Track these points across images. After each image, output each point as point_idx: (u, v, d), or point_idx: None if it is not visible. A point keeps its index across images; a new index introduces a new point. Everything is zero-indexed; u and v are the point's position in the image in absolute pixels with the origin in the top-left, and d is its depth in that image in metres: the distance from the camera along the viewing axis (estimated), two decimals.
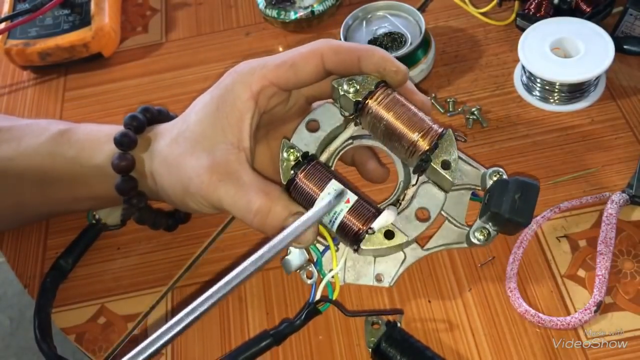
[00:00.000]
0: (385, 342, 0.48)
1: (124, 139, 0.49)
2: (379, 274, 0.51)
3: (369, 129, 0.50)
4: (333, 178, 0.47)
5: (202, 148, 0.46)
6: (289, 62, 0.46)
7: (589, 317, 0.49)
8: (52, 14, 0.76)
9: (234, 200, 0.45)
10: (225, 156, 0.45)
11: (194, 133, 0.47)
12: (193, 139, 0.46)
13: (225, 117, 0.46)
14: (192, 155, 0.46)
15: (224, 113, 0.46)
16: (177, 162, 0.47)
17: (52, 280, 0.57)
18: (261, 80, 0.46)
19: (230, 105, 0.46)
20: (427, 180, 0.49)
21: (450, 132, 0.48)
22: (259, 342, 0.48)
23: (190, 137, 0.47)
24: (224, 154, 0.45)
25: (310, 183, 0.46)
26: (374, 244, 0.46)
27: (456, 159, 0.48)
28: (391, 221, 0.46)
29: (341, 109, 0.50)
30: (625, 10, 0.65)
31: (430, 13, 0.74)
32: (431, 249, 0.51)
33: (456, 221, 0.51)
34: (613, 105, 0.62)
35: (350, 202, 0.46)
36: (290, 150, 0.47)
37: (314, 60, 0.46)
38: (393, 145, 0.49)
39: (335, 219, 0.46)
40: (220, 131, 0.46)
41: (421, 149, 0.47)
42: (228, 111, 0.46)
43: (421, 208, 0.48)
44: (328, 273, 0.48)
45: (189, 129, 0.47)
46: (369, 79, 0.48)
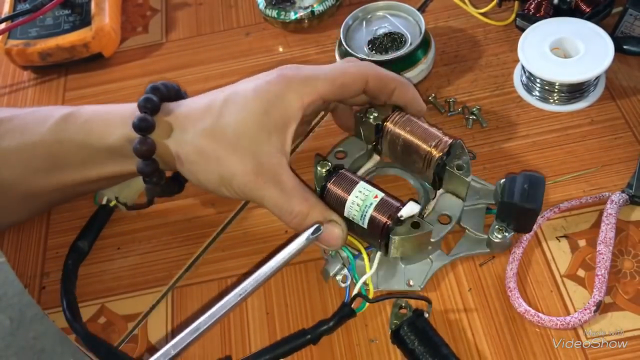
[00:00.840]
0: (406, 327, 0.49)
1: (142, 124, 0.50)
2: (409, 279, 0.54)
3: (388, 150, 0.57)
4: (361, 181, 0.52)
5: (246, 147, 0.48)
6: (339, 81, 0.51)
7: (588, 317, 0.49)
8: (53, 14, 0.76)
9: (277, 203, 0.49)
10: (270, 160, 0.49)
11: (237, 131, 0.48)
12: (235, 136, 0.48)
13: (274, 123, 0.49)
14: (235, 152, 0.48)
15: (273, 118, 0.49)
16: (218, 156, 0.49)
17: (73, 262, 0.58)
18: (313, 94, 0.50)
19: (281, 113, 0.49)
20: (445, 192, 0.55)
21: (460, 141, 0.54)
22: (296, 339, 0.51)
23: (232, 133, 0.48)
24: (269, 158, 0.49)
25: (339, 189, 0.52)
26: (402, 233, 0.50)
27: (468, 161, 0.53)
28: (417, 210, 0.50)
29: (364, 137, 0.57)
30: (625, 10, 0.65)
31: (430, 13, 0.74)
32: (455, 255, 0.55)
33: (475, 232, 0.55)
34: (613, 105, 0.62)
35: (378, 198, 0.51)
36: (323, 163, 0.53)
37: (361, 83, 0.52)
38: (411, 159, 0.55)
39: (366, 214, 0.50)
40: (266, 134, 0.49)
41: (436, 156, 0.53)
42: (277, 117, 0.49)
43: (442, 214, 0.54)
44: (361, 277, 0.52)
45: (230, 125, 0.49)
46: (385, 107, 0.56)
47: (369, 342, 0.52)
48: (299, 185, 0.50)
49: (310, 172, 0.54)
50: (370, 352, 0.51)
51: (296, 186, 0.49)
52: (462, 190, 0.54)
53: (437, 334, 0.49)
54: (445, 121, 0.64)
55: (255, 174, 0.48)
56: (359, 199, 0.51)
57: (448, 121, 0.64)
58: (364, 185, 0.52)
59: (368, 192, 0.51)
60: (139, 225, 0.62)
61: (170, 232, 0.60)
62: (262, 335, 0.53)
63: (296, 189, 0.49)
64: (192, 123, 0.50)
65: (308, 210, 0.49)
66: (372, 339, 0.52)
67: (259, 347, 0.53)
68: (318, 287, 0.55)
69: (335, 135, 0.64)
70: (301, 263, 0.57)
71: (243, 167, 0.48)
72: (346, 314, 0.51)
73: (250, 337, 0.54)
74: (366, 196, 0.51)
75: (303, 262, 0.57)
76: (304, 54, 0.73)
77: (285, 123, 0.49)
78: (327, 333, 0.51)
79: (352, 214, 0.51)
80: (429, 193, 0.57)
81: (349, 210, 0.51)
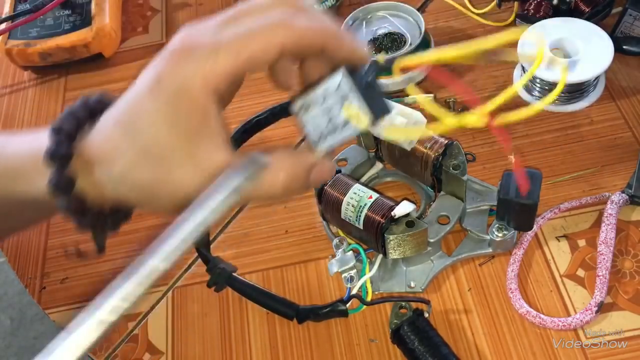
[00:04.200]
0: (407, 326, 0.49)
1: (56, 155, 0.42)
2: (410, 281, 0.54)
3: (388, 155, 0.58)
4: (356, 183, 0.53)
5: (180, 162, 0.41)
6: (244, 55, 0.40)
7: (590, 318, 0.49)
8: (53, 15, 0.76)
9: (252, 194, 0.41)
10: (212, 162, 0.41)
11: (159, 149, 0.41)
12: (163, 157, 0.41)
13: (189, 123, 0.41)
14: (173, 173, 0.41)
15: (184, 120, 0.41)
16: (158, 185, 0.42)
17: None
18: (216, 74, 0.41)
19: (188, 109, 0.41)
20: (445, 194, 0.56)
21: (457, 142, 0.54)
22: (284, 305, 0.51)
23: (158, 156, 0.41)
24: (210, 161, 0.41)
25: (335, 191, 0.52)
26: (397, 232, 0.50)
27: (464, 161, 0.53)
28: (410, 209, 0.50)
29: (364, 145, 0.58)
30: (625, 10, 0.65)
31: (430, 14, 0.74)
32: (456, 256, 0.55)
33: (477, 233, 0.55)
34: (612, 105, 0.62)
35: (372, 199, 0.51)
36: None
37: (274, 52, 0.41)
38: (409, 162, 0.56)
39: (360, 215, 0.51)
40: (190, 139, 0.41)
41: (432, 157, 0.54)
42: (188, 116, 0.41)
43: (442, 215, 0.55)
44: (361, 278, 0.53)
45: (150, 149, 0.41)
46: None
47: (369, 342, 0.52)
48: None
49: None
50: (370, 352, 0.51)
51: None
52: (460, 191, 0.55)
53: (437, 334, 0.49)
54: None
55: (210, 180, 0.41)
56: (353, 200, 0.51)
57: None
58: (359, 187, 0.52)
59: (363, 193, 0.52)
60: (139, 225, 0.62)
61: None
62: (262, 335, 0.53)
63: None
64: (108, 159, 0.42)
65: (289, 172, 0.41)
66: (372, 339, 0.52)
67: (259, 347, 0.53)
68: (318, 287, 0.55)
69: None
70: (301, 263, 0.57)
71: (191, 184, 0.41)
72: (338, 311, 0.51)
73: (250, 337, 0.54)
74: (361, 197, 0.51)
75: (303, 262, 0.57)
76: None
77: (201, 117, 0.41)
78: (313, 319, 0.51)
79: (347, 215, 0.52)
80: (431, 197, 0.58)
81: (344, 211, 0.52)
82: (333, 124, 0.39)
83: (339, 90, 0.39)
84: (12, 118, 0.74)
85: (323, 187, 0.53)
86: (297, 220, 0.60)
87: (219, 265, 0.50)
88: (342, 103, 0.38)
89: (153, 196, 0.43)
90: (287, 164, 0.41)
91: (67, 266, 0.60)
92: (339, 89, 0.39)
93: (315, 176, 0.41)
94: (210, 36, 0.41)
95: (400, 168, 0.59)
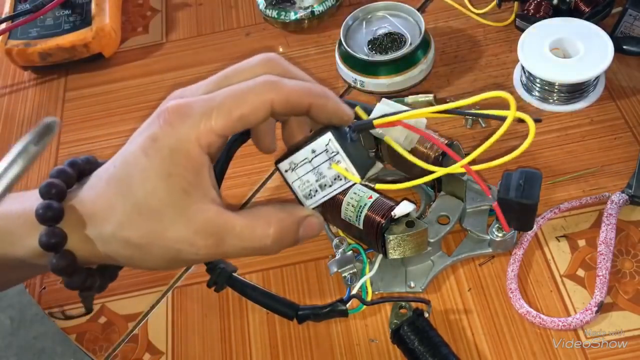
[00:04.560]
0: (407, 326, 0.49)
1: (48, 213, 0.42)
2: (410, 281, 0.54)
3: (388, 155, 0.57)
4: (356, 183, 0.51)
5: (173, 219, 0.42)
6: (237, 114, 0.42)
7: (590, 318, 0.49)
8: (53, 15, 0.76)
9: (243, 248, 0.42)
10: (204, 216, 0.42)
11: (152, 206, 0.42)
12: (156, 213, 0.42)
13: (183, 179, 0.42)
14: (166, 230, 0.42)
15: (179, 176, 0.42)
16: (150, 242, 0.42)
17: None
18: (209, 134, 0.42)
19: (185, 167, 0.42)
20: (445, 194, 0.56)
21: (457, 142, 0.54)
22: (282, 304, 0.51)
23: (151, 211, 0.42)
24: (203, 215, 0.42)
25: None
26: (397, 232, 0.50)
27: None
28: (410, 209, 0.50)
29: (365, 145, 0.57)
30: (625, 10, 0.65)
31: (429, 13, 0.74)
32: (456, 256, 0.55)
33: (477, 233, 0.55)
34: (612, 105, 0.62)
35: (372, 199, 0.51)
36: None
37: (264, 110, 0.42)
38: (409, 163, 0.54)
39: (360, 215, 0.51)
40: (184, 195, 0.42)
41: (431, 158, 0.53)
42: (184, 173, 0.42)
43: (442, 215, 0.55)
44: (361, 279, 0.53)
45: (144, 205, 0.42)
46: None
47: (369, 342, 0.52)
48: (252, 215, 0.43)
49: None
50: (370, 352, 0.51)
51: (250, 219, 0.43)
52: (460, 191, 0.55)
53: (437, 334, 0.49)
54: (445, 121, 0.64)
55: (203, 238, 0.42)
56: (353, 200, 0.51)
57: (448, 121, 0.64)
58: (359, 187, 0.52)
59: (363, 193, 0.52)
60: None
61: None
62: (262, 335, 0.53)
63: (253, 221, 0.43)
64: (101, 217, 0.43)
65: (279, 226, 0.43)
66: (372, 339, 0.52)
67: (259, 347, 0.53)
68: (318, 287, 0.55)
69: None
70: (301, 263, 0.57)
71: (184, 240, 0.42)
72: (338, 311, 0.51)
73: (250, 337, 0.54)
74: (360, 197, 0.51)
75: (303, 262, 0.57)
76: (304, 54, 0.73)
77: (195, 173, 0.42)
78: (313, 319, 0.51)
79: (347, 215, 0.52)
80: (431, 197, 0.58)
81: (344, 211, 0.52)
82: (322, 180, 0.43)
83: (326, 150, 0.42)
84: (12, 118, 0.74)
85: None
86: None
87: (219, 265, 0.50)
88: (330, 162, 0.42)
89: (145, 253, 0.43)
90: (277, 218, 0.43)
91: None
92: (327, 148, 0.42)
93: (304, 231, 0.43)
94: (202, 97, 0.43)
95: (400, 168, 0.59)
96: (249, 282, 0.51)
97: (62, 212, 0.43)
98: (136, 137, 0.43)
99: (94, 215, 0.43)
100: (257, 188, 0.62)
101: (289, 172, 0.43)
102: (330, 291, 0.55)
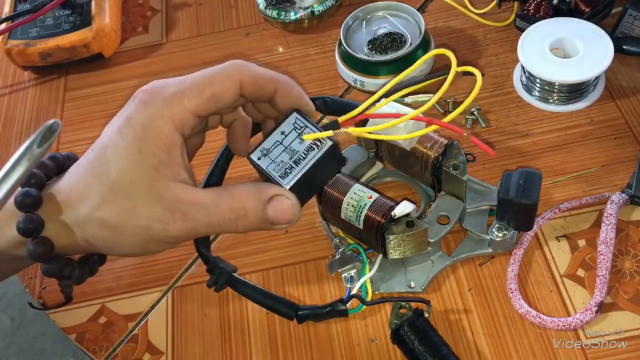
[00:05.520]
0: (407, 326, 0.49)
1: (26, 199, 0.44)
2: (410, 281, 0.54)
3: (388, 155, 0.58)
4: (356, 183, 0.53)
5: (143, 196, 0.43)
6: (208, 93, 0.44)
7: (590, 318, 0.49)
8: (53, 15, 0.76)
9: (209, 222, 0.43)
10: (172, 193, 0.43)
11: (124, 184, 0.43)
12: (127, 191, 0.43)
13: (154, 157, 0.43)
14: (136, 207, 0.43)
15: (151, 153, 0.43)
16: (123, 221, 0.43)
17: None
18: (182, 113, 0.43)
19: (155, 144, 0.43)
20: (445, 194, 0.56)
21: (457, 142, 0.54)
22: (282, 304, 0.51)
23: (123, 190, 0.43)
24: (170, 191, 0.43)
25: (335, 191, 0.53)
26: (397, 232, 0.50)
27: (464, 161, 0.53)
28: (410, 209, 0.50)
29: (365, 145, 0.59)
30: (625, 10, 0.65)
31: (430, 13, 0.74)
32: (456, 256, 0.55)
33: (477, 233, 0.55)
34: (612, 105, 0.62)
35: (372, 199, 0.51)
36: None
37: (234, 89, 0.44)
38: (409, 162, 0.56)
39: (360, 214, 0.51)
40: (153, 171, 0.43)
41: (432, 157, 0.54)
42: (154, 150, 0.43)
43: (442, 215, 0.55)
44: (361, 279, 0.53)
45: (116, 184, 0.43)
46: None
47: (369, 342, 0.52)
48: (217, 191, 0.44)
49: None
50: (370, 352, 0.51)
51: (215, 195, 0.44)
52: (460, 191, 0.55)
53: (437, 334, 0.49)
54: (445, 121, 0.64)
55: (170, 214, 0.43)
56: (353, 200, 0.51)
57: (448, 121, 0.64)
58: (359, 187, 0.52)
59: (363, 193, 0.52)
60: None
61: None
62: (262, 335, 0.53)
63: (217, 197, 0.44)
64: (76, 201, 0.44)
65: (242, 201, 0.43)
66: (372, 339, 0.52)
67: (259, 347, 0.53)
68: (318, 287, 0.55)
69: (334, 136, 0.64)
70: (301, 263, 0.57)
71: (152, 216, 0.43)
72: (338, 311, 0.50)
73: (250, 337, 0.54)
74: (360, 197, 0.51)
75: (303, 262, 0.57)
76: (304, 54, 0.73)
77: (166, 151, 0.43)
78: (313, 319, 0.51)
79: (347, 215, 0.52)
80: (431, 197, 0.58)
81: (344, 211, 0.52)
82: (296, 156, 0.44)
83: (295, 127, 0.44)
84: (12, 118, 0.74)
85: (323, 187, 0.53)
86: None
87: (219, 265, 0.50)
88: (300, 136, 0.44)
89: (119, 233, 0.44)
90: (243, 193, 0.44)
91: None
92: (295, 126, 0.44)
93: (274, 212, 0.43)
94: (175, 81, 0.45)
95: (400, 168, 0.59)
96: (249, 282, 0.51)
97: (40, 199, 0.44)
98: (114, 120, 0.45)
99: (70, 200, 0.44)
100: None
101: (262, 158, 0.44)
102: (330, 291, 0.55)
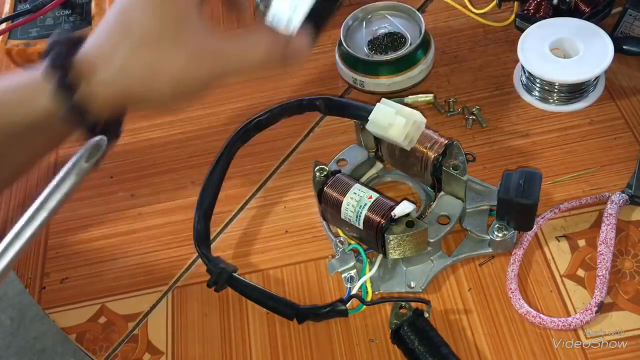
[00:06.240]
0: (407, 326, 0.49)
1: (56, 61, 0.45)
2: (410, 281, 0.54)
3: (388, 155, 0.58)
4: (356, 183, 0.53)
5: (169, 43, 0.46)
6: None
7: (590, 318, 0.49)
8: (53, 15, 0.76)
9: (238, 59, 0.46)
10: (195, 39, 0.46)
11: (152, 33, 0.46)
12: (154, 42, 0.46)
13: (174, 7, 0.46)
14: (164, 54, 0.46)
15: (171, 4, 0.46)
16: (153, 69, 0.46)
17: None
18: None
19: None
20: (445, 194, 0.55)
21: (457, 142, 0.54)
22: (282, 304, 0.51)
23: (150, 41, 0.46)
24: (193, 39, 0.46)
25: (335, 191, 0.53)
26: (397, 233, 0.50)
27: (464, 161, 0.53)
28: (410, 209, 0.50)
29: (365, 145, 0.59)
30: (625, 10, 0.65)
31: (430, 13, 0.74)
32: (456, 256, 0.55)
33: (477, 233, 0.55)
34: (612, 105, 0.62)
35: (372, 199, 0.51)
36: (321, 168, 0.54)
37: None
38: (409, 162, 0.56)
39: (360, 215, 0.51)
40: (178, 21, 0.46)
41: (432, 157, 0.54)
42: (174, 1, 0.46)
43: (442, 215, 0.55)
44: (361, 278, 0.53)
45: (143, 36, 0.46)
46: None
47: (369, 342, 0.52)
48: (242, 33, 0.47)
49: (310, 172, 0.55)
50: (370, 352, 0.51)
51: (240, 35, 0.47)
52: (460, 191, 0.55)
53: (437, 334, 0.49)
54: (445, 121, 0.64)
55: (197, 57, 0.46)
56: (353, 200, 0.51)
57: (448, 121, 0.64)
58: (359, 187, 0.52)
59: (363, 193, 0.52)
60: (139, 225, 0.62)
61: (170, 232, 0.61)
62: (262, 335, 0.53)
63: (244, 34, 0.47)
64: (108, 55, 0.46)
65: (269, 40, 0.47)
66: (372, 339, 0.52)
67: (259, 347, 0.53)
68: (318, 287, 0.55)
69: (334, 135, 0.64)
70: (301, 263, 0.57)
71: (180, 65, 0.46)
72: (338, 311, 0.51)
73: (250, 337, 0.54)
74: (360, 197, 0.51)
75: (303, 262, 0.57)
76: None
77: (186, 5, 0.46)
78: (313, 319, 0.51)
79: (347, 215, 0.52)
80: (431, 197, 0.58)
81: (344, 211, 0.52)
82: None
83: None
84: None
85: (323, 187, 0.53)
86: (297, 220, 0.60)
87: (219, 265, 0.50)
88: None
89: (152, 82, 0.46)
90: (267, 37, 0.46)
91: (67, 266, 0.60)
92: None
93: (291, 51, 0.46)
94: None
95: (400, 168, 0.59)
96: (249, 282, 0.51)
97: (71, 60, 0.45)
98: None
99: (102, 55, 0.46)
100: (257, 188, 0.62)
101: (265, 11, 0.48)
102: (330, 291, 0.55)
